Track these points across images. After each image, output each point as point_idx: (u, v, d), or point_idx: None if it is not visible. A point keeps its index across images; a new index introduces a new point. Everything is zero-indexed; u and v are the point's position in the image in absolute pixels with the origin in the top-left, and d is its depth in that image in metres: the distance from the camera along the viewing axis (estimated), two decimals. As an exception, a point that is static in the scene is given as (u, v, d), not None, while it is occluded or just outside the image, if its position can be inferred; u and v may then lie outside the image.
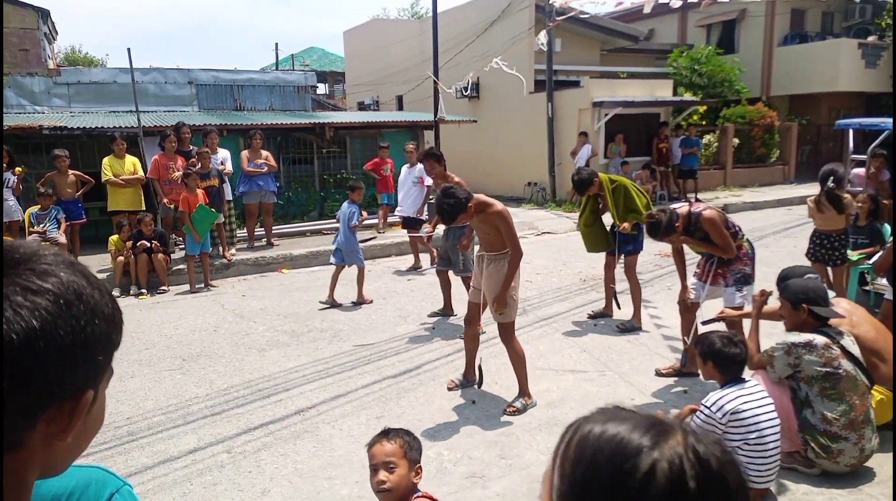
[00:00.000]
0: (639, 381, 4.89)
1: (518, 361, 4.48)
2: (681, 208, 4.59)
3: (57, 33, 19.24)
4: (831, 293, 6.53)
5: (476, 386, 4.75)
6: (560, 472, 0.75)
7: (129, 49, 8.99)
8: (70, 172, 8.75)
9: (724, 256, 4.49)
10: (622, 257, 6.28)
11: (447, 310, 6.72)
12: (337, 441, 4.08)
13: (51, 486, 0.89)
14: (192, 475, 3.72)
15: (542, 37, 12.95)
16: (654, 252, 8.77)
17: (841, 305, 3.73)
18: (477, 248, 4.75)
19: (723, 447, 0.73)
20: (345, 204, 7.46)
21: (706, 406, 3.04)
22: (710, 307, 4.77)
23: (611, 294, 6.46)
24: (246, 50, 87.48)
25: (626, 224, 6.01)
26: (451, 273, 6.62)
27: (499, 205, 4.37)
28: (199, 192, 8.22)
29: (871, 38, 19.30)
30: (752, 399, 3.03)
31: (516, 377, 4.52)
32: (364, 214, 7.45)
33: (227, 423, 4.38)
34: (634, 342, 5.77)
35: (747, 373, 3.30)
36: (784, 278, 3.61)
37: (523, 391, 4.49)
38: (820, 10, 20.04)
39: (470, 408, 4.52)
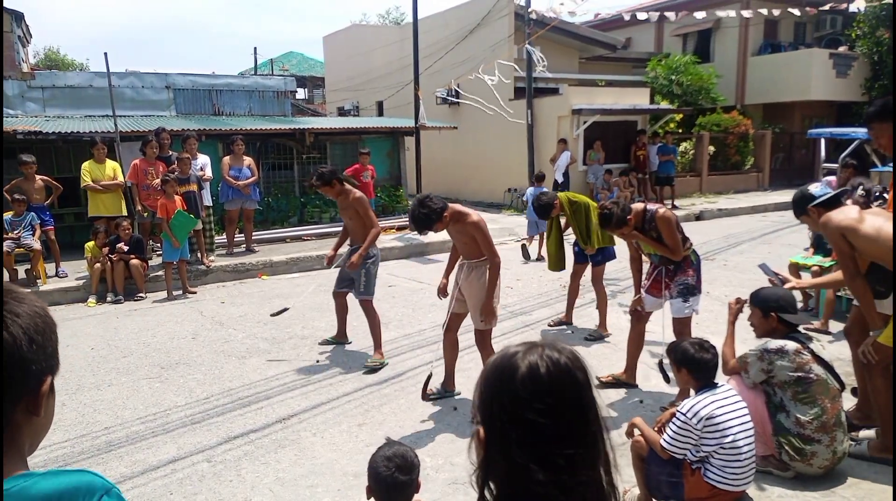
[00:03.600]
0: (618, 387, 4.95)
1: None
2: (636, 205, 4.63)
3: (31, 36, 18.94)
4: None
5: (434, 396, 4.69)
6: (476, 388, 1.14)
7: (105, 53, 8.90)
8: (38, 177, 8.60)
9: (672, 257, 4.48)
10: (587, 265, 6.34)
11: (341, 338, 6.12)
12: (319, 450, 4.07)
13: (41, 489, 0.92)
14: (172, 484, 3.69)
15: (536, 59, 13.12)
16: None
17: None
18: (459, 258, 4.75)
19: (573, 354, 1.11)
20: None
21: (682, 413, 3.09)
22: (659, 321, 4.87)
23: (572, 303, 6.52)
24: (224, 54, 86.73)
25: (589, 249, 6.11)
26: (349, 296, 5.93)
27: (474, 215, 4.36)
28: (178, 198, 8.15)
29: (841, 49, 19.77)
30: (726, 404, 3.09)
31: None
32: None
33: (208, 432, 4.35)
34: (614, 348, 5.84)
35: (722, 378, 3.37)
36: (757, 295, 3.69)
37: None
38: (792, 21, 20.49)
39: (451, 415, 4.54)
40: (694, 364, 3.15)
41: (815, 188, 3.86)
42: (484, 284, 4.40)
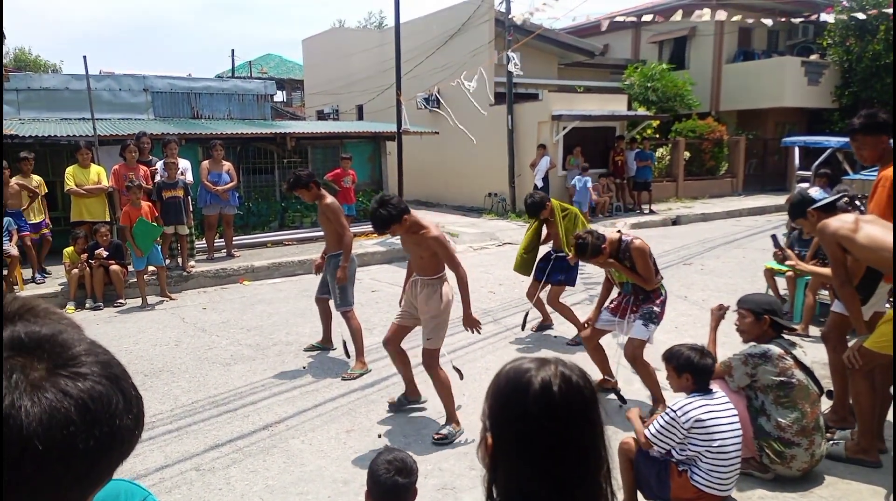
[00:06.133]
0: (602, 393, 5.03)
1: (442, 388, 4.33)
2: (611, 234, 4.69)
3: (5, 37, 18.59)
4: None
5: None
6: (486, 398, 1.20)
7: (84, 57, 8.82)
8: (13, 181, 8.46)
9: (646, 286, 4.52)
10: (548, 285, 6.33)
11: (326, 344, 6.12)
12: (307, 456, 4.09)
13: None
14: (161, 493, 3.67)
15: (512, 66, 13.28)
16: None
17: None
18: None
19: (583, 373, 1.17)
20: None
21: (672, 409, 3.16)
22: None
23: (543, 307, 6.58)
24: (200, 55, 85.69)
25: (571, 256, 6.18)
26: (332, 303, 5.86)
27: (434, 230, 4.23)
28: (145, 205, 8.01)
29: (813, 57, 20.24)
30: (717, 410, 3.16)
31: (443, 404, 4.37)
32: None
33: (194, 439, 4.34)
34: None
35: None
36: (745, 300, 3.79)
37: (451, 418, 4.35)
38: (766, 29, 20.93)
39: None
40: (697, 370, 3.22)
41: (814, 192, 3.99)
42: (437, 301, 4.27)
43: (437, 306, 4.29)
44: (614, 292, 4.93)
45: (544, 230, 6.59)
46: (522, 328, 6.41)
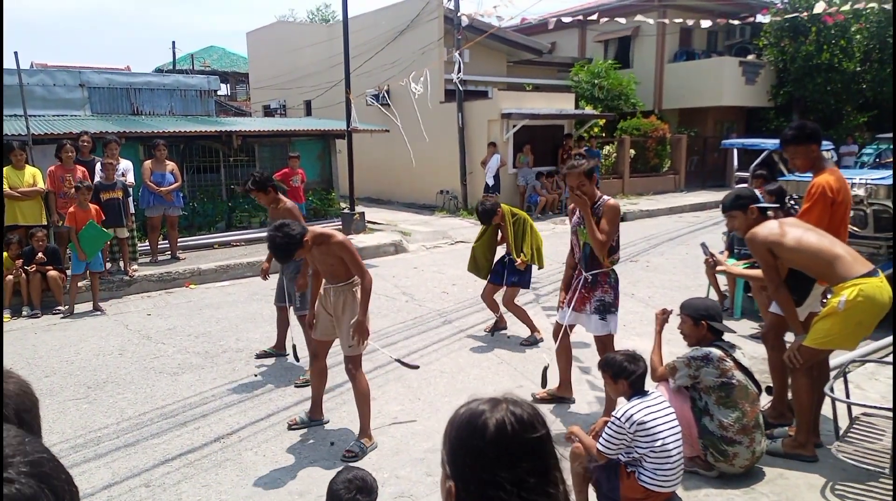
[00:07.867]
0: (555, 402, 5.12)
1: (362, 398, 4.27)
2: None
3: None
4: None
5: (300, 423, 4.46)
6: (444, 444, 1.24)
7: (15, 52, 8.40)
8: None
9: (600, 242, 4.38)
10: (504, 286, 6.40)
11: (279, 349, 6.03)
12: (261, 468, 4.03)
13: None
14: (109, 513, 3.58)
15: (455, 74, 13.32)
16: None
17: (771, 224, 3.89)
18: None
19: (534, 409, 1.20)
20: None
21: (616, 418, 3.28)
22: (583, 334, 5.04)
23: (496, 309, 6.61)
24: (138, 47, 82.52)
25: (520, 261, 6.26)
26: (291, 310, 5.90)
27: (339, 236, 4.19)
28: (93, 208, 7.71)
29: (750, 57, 21.01)
30: (656, 411, 3.29)
31: (359, 415, 4.30)
32: None
33: (143, 454, 4.23)
34: (551, 352, 6.01)
35: (650, 385, 3.58)
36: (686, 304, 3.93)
37: (364, 432, 4.27)
38: (705, 30, 21.58)
39: (395, 426, 4.59)
40: (631, 376, 3.34)
41: (760, 195, 4.23)
42: (354, 307, 4.21)
43: (354, 311, 4.20)
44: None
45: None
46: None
